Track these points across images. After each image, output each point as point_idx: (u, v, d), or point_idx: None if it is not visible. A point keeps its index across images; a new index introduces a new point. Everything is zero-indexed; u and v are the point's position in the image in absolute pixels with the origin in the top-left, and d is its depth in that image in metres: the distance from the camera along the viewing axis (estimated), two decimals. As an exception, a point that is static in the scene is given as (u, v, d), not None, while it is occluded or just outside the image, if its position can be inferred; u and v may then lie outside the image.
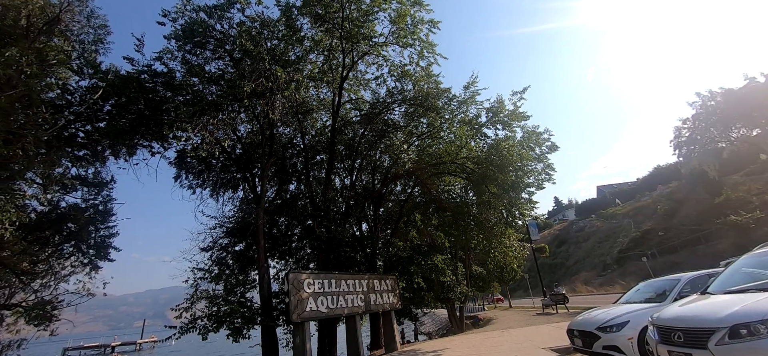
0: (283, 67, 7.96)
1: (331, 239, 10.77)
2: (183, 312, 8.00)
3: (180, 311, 8.03)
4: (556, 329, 10.99)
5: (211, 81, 9.15)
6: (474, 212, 12.41)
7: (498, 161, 10.70)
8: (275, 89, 8.12)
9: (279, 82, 7.96)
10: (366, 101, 15.63)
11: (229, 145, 12.30)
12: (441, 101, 13.67)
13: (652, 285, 7.65)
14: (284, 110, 14.45)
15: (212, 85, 9.23)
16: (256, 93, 8.01)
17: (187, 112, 7.40)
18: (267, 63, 8.01)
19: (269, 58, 8.23)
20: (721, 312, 3.80)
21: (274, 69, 7.81)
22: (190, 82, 9.33)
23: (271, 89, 8.15)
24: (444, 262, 13.67)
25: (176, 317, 7.92)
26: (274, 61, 8.10)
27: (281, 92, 8.14)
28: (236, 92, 7.60)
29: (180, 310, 8.04)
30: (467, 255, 22.90)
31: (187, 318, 8.05)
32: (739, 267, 5.00)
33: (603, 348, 6.34)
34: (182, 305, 8.12)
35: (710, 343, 3.67)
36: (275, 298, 10.60)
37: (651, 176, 56.10)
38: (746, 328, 3.49)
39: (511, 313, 23.25)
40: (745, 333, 3.48)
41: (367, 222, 15.54)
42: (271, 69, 7.94)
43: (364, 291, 10.04)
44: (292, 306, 7.82)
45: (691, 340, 3.89)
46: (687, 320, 4.05)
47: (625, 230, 45.16)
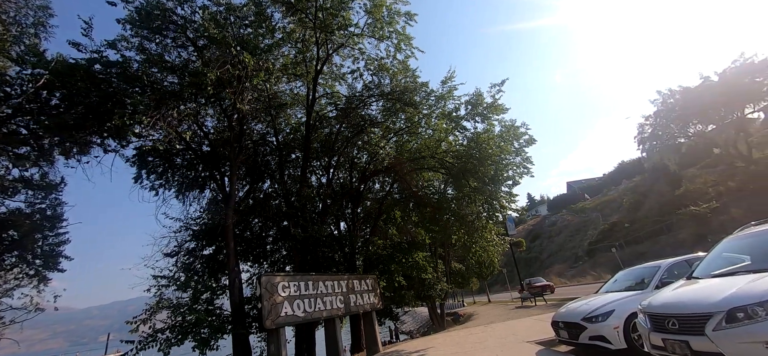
0: (251, 54, 7.35)
1: (307, 238, 10.21)
2: (140, 324, 7.18)
3: (137, 323, 7.19)
4: (538, 321, 10.99)
5: (172, 70, 8.33)
6: (454, 208, 12.22)
7: (478, 154, 10.56)
8: (243, 78, 7.48)
9: (247, 69, 7.33)
10: (342, 96, 15.14)
11: (194, 139, 11.44)
12: (419, 95, 13.41)
13: (631, 273, 7.70)
14: (255, 104, 13.73)
15: (174, 74, 8.40)
16: (221, 82, 7.35)
17: (142, 103, 6.62)
18: (234, 49, 7.35)
19: (236, 44, 7.58)
20: (715, 296, 3.67)
21: (241, 55, 7.18)
22: (148, 73, 8.47)
23: (239, 78, 7.51)
24: (425, 259, 13.41)
25: (132, 330, 7.08)
26: (242, 48, 7.46)
27: (250, 80, 7.50)
28: (199, 80, 6.91)
29: (137, 322, 7.21)
30: (447, 252, 22.88)
31: (146, 332, 7.22)
32: (721, 250, 4.99)
33: (589, 339, 6.24)
34: (140, 316, 7.28)
35: (707, 329, 3.52)
36: (248, 304, 9.90)
37: (616, 171, 58.98)
38: (743, 311, 3.37)
39: (491, 308, 23.46)
40: (742, 316, 3.35)
41: (346, 221, 15.04)
42: (238, 55, 7.30)
43: (343, 292, 9.56)
44: (265, 311, 7.23)
45: (687, 326, 3.74)
46: (681, 306, 3.91)
47: (594, 224, 47.17)
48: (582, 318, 6.41)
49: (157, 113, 6.63)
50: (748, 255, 4.53)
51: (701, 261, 5.06)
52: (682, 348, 3.74)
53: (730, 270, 4.29)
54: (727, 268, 4.46)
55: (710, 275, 4.48)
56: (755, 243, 4.64)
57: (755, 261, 4.30)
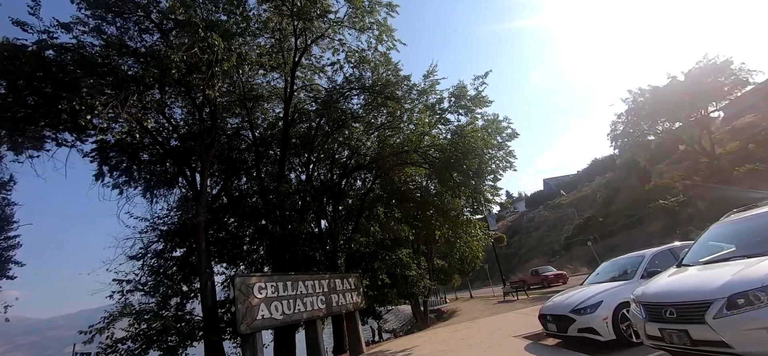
0: (222, 37, 6.76)
1: (286, 236, 9.68)
2: (96, 334, 6.43)
3: (92, 333, 6.43)
4: (523, 315, 10.95)
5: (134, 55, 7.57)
6: (438, 202, 12.00)
7: (462, 146, 10.38)
8: (213, 62, 6.89)
9: (217, 53, 6.75)
10: (322, 89, 14.64)
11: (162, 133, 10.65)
12: (401, 89, 13.12)
13: (616, 264, 7.69)
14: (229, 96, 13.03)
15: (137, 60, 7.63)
16: (189, 67, 6.73)
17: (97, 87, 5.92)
18: (202, 31, 6.74)
19: (205, 27, 6.96)
20: (714, 282, 3.54)
21: (210, 38, 6.58)
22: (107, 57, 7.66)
23: (209, 63, 6.91)
24: (409, 256, 13.14)
25: (87, 341, 6.33)
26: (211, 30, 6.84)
27: (220, 65, 6.92)
28: (163, 64, 6.27)
29: (92, 332, 6.44)
30: (430, 248, 22.77)
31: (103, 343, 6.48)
32: (708, 238, 4.94)
33: (578, 331, 6.12)
34: (97, 325, 6.53)
35: (707, 316, 3.37)
36: (221, 308, 9.27)
37: (590, 168, 61.15)
38: (744, 297, 3.23)
39: (473, 303, 23.56)
40: (743, 302, 3.22)
41: (327, 219, 14.55)
42: (207, 38, 6.70)
43: (324, 291, 9.11)
44: (239, 315, 6.69)
45: (686, 315, 3.59)
46: (678, 294, 3.77)
47: (570, 219, 48.63)
48: (570, 310, 6.29)
49: (115, 100, 5.94)
50: (734, 242, 4.49)
51: (689, 249, 5.00)
52: (680, 337, 3.60)
53: (722, 256, 4.22)
54: (717, 254, 4.39)
55: (701, 262, 4.39)
56: (740, 230, 4.62)
57: (740, 248, 4.26)
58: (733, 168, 23.21)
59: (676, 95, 27.29)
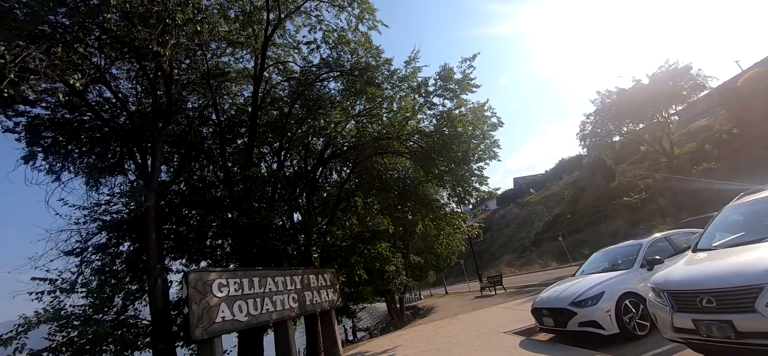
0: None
1: (253, 226, 8.60)
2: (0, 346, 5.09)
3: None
4: (506, 310, 10.54)
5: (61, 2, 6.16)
6: (420, 193, 11.34)
7: (449, 132, 9.78)
8: (164, 14, 5.73)
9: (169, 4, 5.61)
10: (296, 71, 13.54)
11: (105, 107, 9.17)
12: (382, 74, 12.34)
13: (609, 253, 7.36)
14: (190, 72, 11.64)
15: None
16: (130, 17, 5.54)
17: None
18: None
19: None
20: (761, 264, 3.06)
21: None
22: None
23: (158, 15, 5.74)
24: (388, 249, 12.41)
25: (-14, 355, 4.99)
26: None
27: (173, 16, 5.77)
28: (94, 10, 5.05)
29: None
30: (407, 244, 22.23)
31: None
32: (722, 221, 4.57)
33: (579, 325, 5.62)
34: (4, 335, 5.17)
35: (759, 304, 2.86)
36: (174, 310, 8.03)
37: (558, 167, 63.61)
38: (802, 281, 2.74)
39: (450, 299, 23.28)
40: (802, 286, 2.73)
41: (300, 211, 13.48)
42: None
43: (297, 288, 8.14)
44: (194, 317, 5.61)
45: (730, 302, 3.07)
46: (717, 279, 3.26)
47: (540, 216, 50.26)
48: (570, 302, 5.80)
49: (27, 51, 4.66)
50: (752, 225, 4.14)
51: (700, 235, 4.61)
52: (722, 329, 3.08)
53: (747, 239, 3.79)
54: (738, 236, 4.00)
55: (724, 246, 3.96)
56: (751, 212, 4.29)
57: (750, 232, 3.91)
58: (691, 167, 24.53)
59: (640, 97, 28.51)
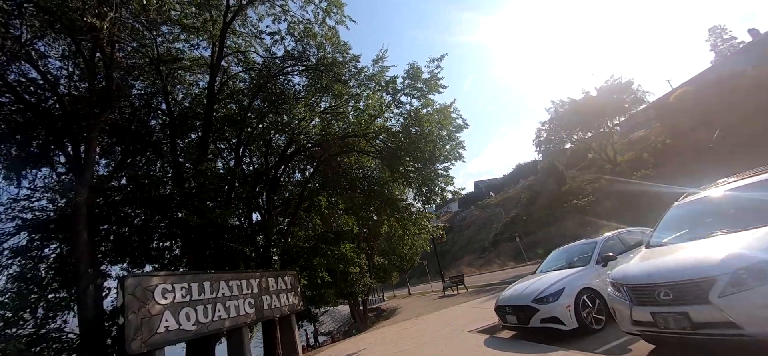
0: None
1: (206, 226, 7.88)
2: None
3: None
4: (469, 309, 10.67)
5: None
6: (386, 193, 11.17)
7: (416, 131, 9.71)
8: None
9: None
10: (257, 63, 12.80)
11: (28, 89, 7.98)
12: (349, 70, 12.04)
13: (567, 251, 7.64)
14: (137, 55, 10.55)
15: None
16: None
17: None
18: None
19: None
20: (713, 257, 3.20)
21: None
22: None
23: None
24: (353, 250, 12.08)
25: None
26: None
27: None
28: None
29: None
30: (371, 245, 22.00)
31: None
32: (670, 219, 4.85)
33: (541, 322, 5.72)
34: None
35: (712, 295, 2.99)
36: (108, 321, 7.11)
37: (515, 172, 66.94)
38: (749, 271, 2.90)
39: (413, 300, 23.39)
40: (750, 277, 2.88)
41: (260, 211, 12.73)
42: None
43: (254, 293, 7.57)
44: (130, 328, 4.93)
45: (686, 295, 3.19)
46: (673, 272, 3.38)
47: (498, 218, 52.44)
48: (533, 299, 5.90)
49: None
50: (689, 223, 4.43)
51: (653, 231, 4.85)
52: (679, 320, 3.20)
53: (695, 234, 4.01)
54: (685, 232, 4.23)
55: (675, 241, 4.17)
56: (694, 211, 4.60)
57: (695, 228, 4.18)
58: (631, 173, 26.85)
59: (588, 107, 30.80)
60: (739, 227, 3.57)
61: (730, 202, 4.24)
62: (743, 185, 4.32)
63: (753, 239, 3.19)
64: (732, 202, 4.21)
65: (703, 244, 3.63)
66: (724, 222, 3.88)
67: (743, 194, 4.21)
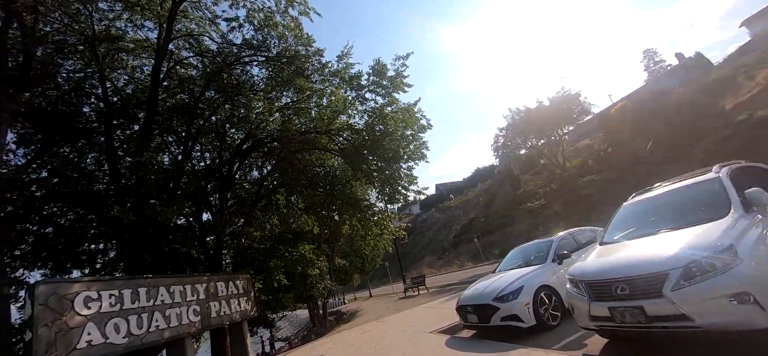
0: None
1: (144, 225, 7.02)
2: None
3: None
4: (431, 309, 10.65)
5: None
6: (348, 192, 10.83)
7: (381, 129, 9.50)
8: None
9: None
10: (211, 50, 11.88)
11: None
12: (312, 64, 11.56)
13: (524, 250, 7.85)
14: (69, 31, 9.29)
15: None
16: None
17: None
18: None
19: None
20: (665, 252, 3.32)
21: None
22: None
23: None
24: (312, 252, 11.55)
25: None
26: None
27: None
28: None
29: None
30: (332, 247, 21.47)
31: None
32: (621, 218, 5.07)
33: (501, 320, 5.75)
34: None
35: (665, 289, 3.08)
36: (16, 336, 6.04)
37: (474, 175, 69.55)
38: (698, 266, 3.02)
39: (374, 302, 23.18)
40: (700, 271, 3.00)
41: (211, 210, 11.77)
42: None
43: (200, 299, 6.87)
44: (40, 344, 4.13)
45: (641, 290, 3.27)
46: (629, 268, 3.46)
47: (458, 219, 54.10)
48: (493, 298, 5.93)
49: None
50: (638, 221, 4.68)
51: (606, 230, 5.04)
52: (634, 314, 3.27)
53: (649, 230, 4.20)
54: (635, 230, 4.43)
55: (627, 239, 4.33)
56: (650, 208, 4.85)
57: (644, 225, 4.41)
58: (578, 178, 28.92)
59: (541, 116, 32.70)
60: (681, 225, 3.78)
61: (670, 202, 4.52)
62: (679, 188, 4.64)
63: (697, 236, 3.36)
64: (672, 202, 4.48)
65: (653, 241, 3.79)
66: (667, 221, 4.11)
67: (680, 195, 4.52)
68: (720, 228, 3.32)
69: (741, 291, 2.78)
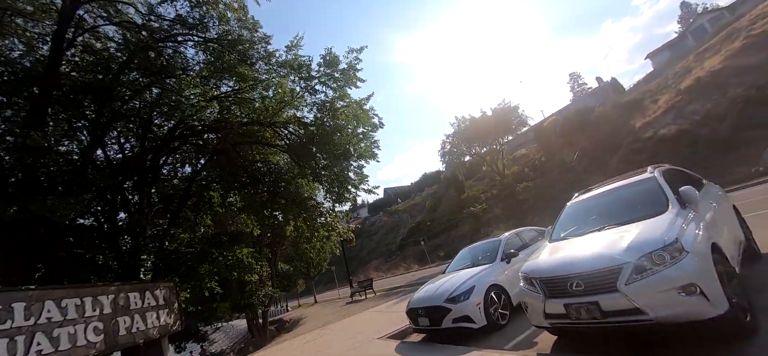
0: None
1: (28, 221, 5.59)
2: None
3: None
4: (379, 314, 10.30)
5: None
6: (293, 191, 10.03)
7: (331, 124, 8.93)
8: None
9: None
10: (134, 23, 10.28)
11: None
12: (257, 52, 10.60)
13: (473, 250, 7.86)
14: None
15: None
16: None
17: None
18: None
19: None
20: (617, 247, 3.33)
21: None
22: None
23: None
24: (251, 256, 10.48)
25: None
26: None
27: None
28: None
29: None
30: (275, 251, 20.13)
31: None
32: (566, 216, 5.21)
33: (453, 322, 5.56)
34: None
35: (620, 283, 3.05)
36: None
37: (421, 180, 71.43)
38: (649, 259, 3.05)
39: (319, 308, 22.22)
40: (650, 264, 3.03)
41: (129, 209, 10.09)
42: None
43: (104, 314, 5.65)
44: None
45: (596, 285, 3.23)
46: (584, 264, 3.42)
47: (405, 223, 54.93)
48: (445, 299, 5.73)
49: None
50: (583, 219, 4.84)
51: (554, 227, 5.12)
52: (590, 310, 3.22)
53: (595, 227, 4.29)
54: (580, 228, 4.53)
55: (575, 236, 4.39)
56: (593, 206, 5.03)
57: (588, 223, 4.55)
58: (516, 184, 31.03)
59: (485, 125, 34.66)
60: (624, 221, 3.89)
61: (612, 200, 4.72)
62: (619, 186, 4.89)
63: (644, 231, 3.43)
64: (613, 200, 4.69)
65: (601, 236, 3.84)
66: (611, 217, 4.23)
67: (620, 193, 4.74)
68: (663, 223, 3.43)
69: (688, 282, 2.84)
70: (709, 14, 39.70)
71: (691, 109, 20.40)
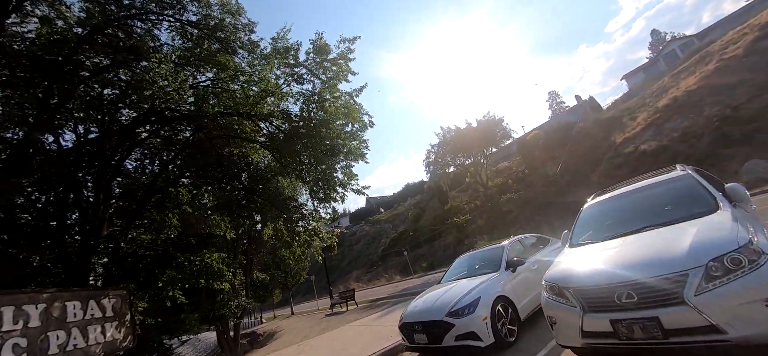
0: None
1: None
2: None
3: None
4: (362, 327, 9.42)
5: None
6: (273, 190, 9.12)
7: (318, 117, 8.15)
8: None
9: None
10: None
11: None
12: (240, 40, 9.76)
13: (472, 258, 7.20)
14: None
15: None
16: None
17: None
18: None
19: None
20: (674, 248, 2.73)
21: None
22: None
23: None
24: (222, 261, 9.39)
25: None
26: None
27: None
28: None
29: None
30: (251, 257, 18.82)
31: None
32: (588, 217, 4.65)
33: (456, 339, 4.82)
34: None
35: (688, 293, 2.44)
36: None
37: (404, 190, 71.05)
38: (721, 263, 2.46)
39: (296, 320, 20.92)
40: (723, 270, 2.43)
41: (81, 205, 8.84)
42: None
43: (30, 327, 4.57)
44: None
45: (654, 296, 2.61)
46: (632, 269, 2.80)
47: (387, 233, 54.06)
48: (446, 313, 4.99)
49: None
50: (603, 221, 4.29)
51: (573, 231, 4.53)
52: (647, 328, 2.58)
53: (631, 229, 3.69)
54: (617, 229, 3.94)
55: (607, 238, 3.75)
56: (609, 209, 4.50)
57: (619, 224, 3.97)
58: (499, 196, 31.01)
59: (469, 136, 34.71)
60: (670, 220, 3.33)
61: (643, 199, 4.17)
62: (648, 184, 4.36)
63: (704, 230, 2.85)
64: (645, 199, 4.13)
65: (646, 238, 3.24)
66: (648, 217, 3.65)
67: (651, 192, 4.20)
68: (724, 222, 2.88)
69: (777, 293, 2.26)
70: (680, 41, 41.96)
71: (670, 126, 20.95)
